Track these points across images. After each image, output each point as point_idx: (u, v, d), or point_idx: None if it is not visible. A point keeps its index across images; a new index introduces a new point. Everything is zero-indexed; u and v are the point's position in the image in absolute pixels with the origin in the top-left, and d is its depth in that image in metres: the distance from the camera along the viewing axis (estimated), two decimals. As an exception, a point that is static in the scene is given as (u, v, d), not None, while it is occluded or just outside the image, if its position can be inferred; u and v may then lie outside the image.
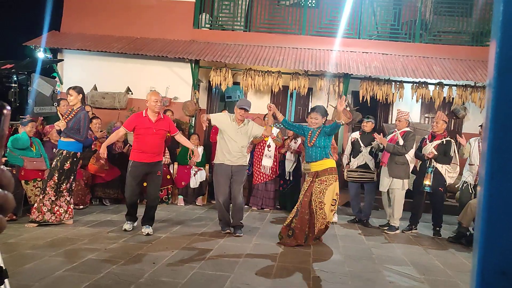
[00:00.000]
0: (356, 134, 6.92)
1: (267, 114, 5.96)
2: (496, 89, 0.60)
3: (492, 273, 0.61)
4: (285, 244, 5.11)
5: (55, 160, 5.32)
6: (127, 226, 5.33)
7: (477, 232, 0.65)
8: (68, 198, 5.38)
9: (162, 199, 7.33)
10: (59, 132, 5.35)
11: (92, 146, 6.77)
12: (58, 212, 5.27)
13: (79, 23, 9.54)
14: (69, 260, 3.96)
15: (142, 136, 5.21)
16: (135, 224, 5.46)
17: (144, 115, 5.30)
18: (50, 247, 4.37)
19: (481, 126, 6.48)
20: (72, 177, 5.42)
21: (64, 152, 5.29)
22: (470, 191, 6.35)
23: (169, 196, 7.47)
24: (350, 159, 6.86)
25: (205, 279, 3.75)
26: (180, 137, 5.62)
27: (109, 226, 5.46)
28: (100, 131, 6.92)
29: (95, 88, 9.09)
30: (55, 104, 5.02)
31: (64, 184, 5.32)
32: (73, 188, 5.53)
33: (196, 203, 7.56)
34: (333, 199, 5.21)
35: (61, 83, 8.93)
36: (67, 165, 5.28)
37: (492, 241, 0.62)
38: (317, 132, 5.28)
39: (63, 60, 7.12)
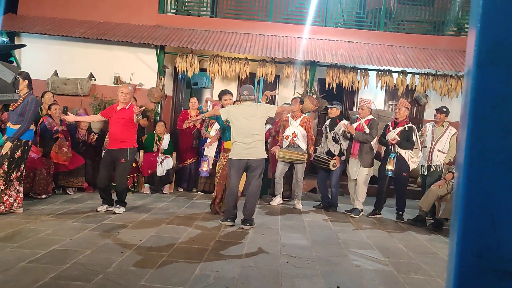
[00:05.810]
0: (327, 122, 7.06)
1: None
2: (476, 80, 0.61)
3: (469, 256, 0.63)
4: (218, 213, 5.89)
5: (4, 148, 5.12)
6: (99, 208, 5.72)
7: (455, 217, 0.68)
8: (18, 187, 5.24)
9: (128, 187, 7.22)
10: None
11: (54, 134, 6.56)
12: (7, 202, 5.11)
13: (38, 6, 9.15)
14: (33, 251, 3.85)
15: (110, 124, 5.74)
16: (111, 208, 5.73)
17: (116, 106, 5.78)
18: (12, 238, 4.23)
19: (436, 110, 6.73)
20: (23, 166, 5.26)
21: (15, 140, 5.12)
22: (423, 172, 6.70)
23: (135, 184, 7.35)
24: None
25: (174, 267, 3.74)
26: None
27: (73, 215, 5.33)
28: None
29: (55, 74, 8.77)
30: (17, 91, 4.84)
31: (14, 173, 5.15)
32: (23, 176, 5.39)
33: (163, 191, 7.48)
34: None
35: (19, 68, 8.56)
36: (18, 153, 5.11)
37: (469, 225, 0.64)
38: None
39: (25, 45, 6.83)
